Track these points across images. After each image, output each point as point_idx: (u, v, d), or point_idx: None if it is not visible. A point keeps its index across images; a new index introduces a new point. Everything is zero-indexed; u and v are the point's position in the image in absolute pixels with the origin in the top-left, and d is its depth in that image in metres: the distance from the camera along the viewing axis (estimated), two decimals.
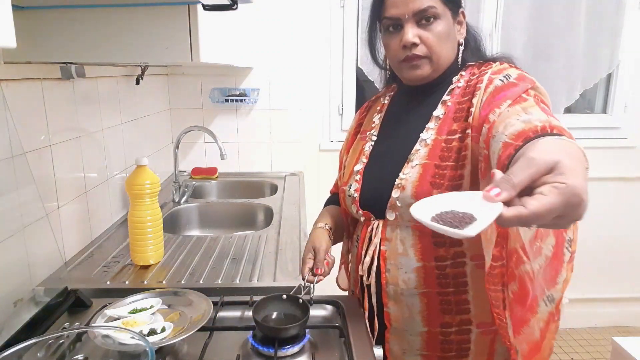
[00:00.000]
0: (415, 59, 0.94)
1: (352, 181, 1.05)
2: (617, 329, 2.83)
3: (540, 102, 0.82)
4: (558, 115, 2.49)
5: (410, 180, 0.92)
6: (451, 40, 0.96)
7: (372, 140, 1.07)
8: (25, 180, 1.09)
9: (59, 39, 1.05)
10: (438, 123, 0.94)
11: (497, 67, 0.93)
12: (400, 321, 0.99)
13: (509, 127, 0.73)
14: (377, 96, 1.18)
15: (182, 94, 2.39)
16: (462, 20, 0.98)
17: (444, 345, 0.97)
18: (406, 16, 0.92)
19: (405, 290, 0.96)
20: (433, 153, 0.91)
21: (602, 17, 2.46)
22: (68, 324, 0.97)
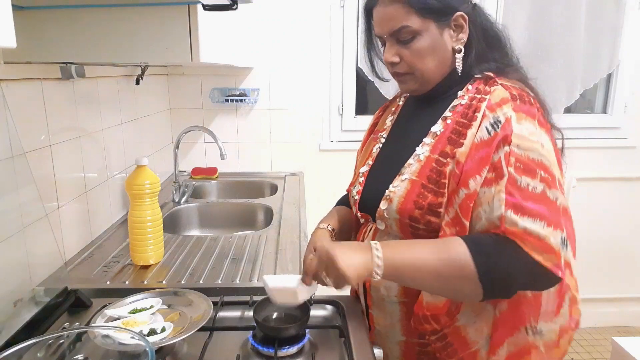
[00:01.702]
0: (399, 76, 0.95)
1: (357, 183, 1.04)
2: (617, 329, 2.83)
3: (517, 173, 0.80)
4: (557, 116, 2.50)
5: (397, 194, 0.91)
6: (438, 52, 0.91)
7: (380, 142, 1.06)
8: (25, 180, 1.09)
9: (59, 39, 1.05)
10: (434, 140, 0.91)
11: (498, 96, 0.86)
12: (382, 326, 0.99)
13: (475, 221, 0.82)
14: (395, 96, 1.16)
15: (182, 94, 2.39)
16: (462, 24, 0.90)
17: (420, 356, 0.96)
18: (385, 35, 0.92)
19: (387, 297, 0.96)
20: (423, 171, 0.89)
21: (602, 17, 2.46)
22: (68, 324, 0.97)
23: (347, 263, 0.79)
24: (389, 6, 0.89)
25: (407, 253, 0.82)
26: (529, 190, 0.79)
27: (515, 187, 0.79)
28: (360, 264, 0.80)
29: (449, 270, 0.79)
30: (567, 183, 2.56)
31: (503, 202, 0.78)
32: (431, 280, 0.81)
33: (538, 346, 0.84)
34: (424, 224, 0.87)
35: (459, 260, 0.78)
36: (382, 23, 0.91)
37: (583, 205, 2.65)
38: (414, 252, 0.82)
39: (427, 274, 0.81)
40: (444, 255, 0.80)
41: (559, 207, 0.80)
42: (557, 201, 0.80)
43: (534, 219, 0.77)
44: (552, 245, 0.76)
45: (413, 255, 0.81)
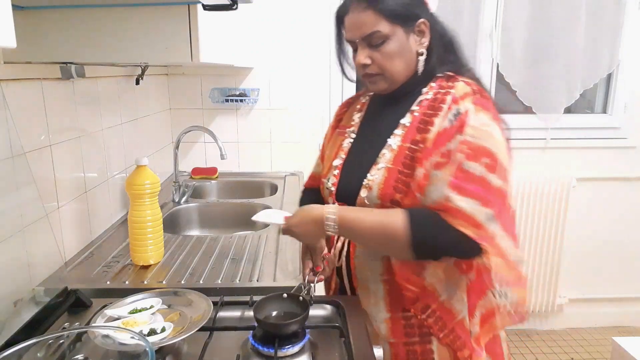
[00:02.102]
0: (370, 77, 1.03)
1: (331, 175, 1.12)
2: (617, 329, 2.83)
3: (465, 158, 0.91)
4: (557, 116, 2.51)
5: (376, 182, 1.00)
6: (405, 55, 1.01)
7: (351, 137, 1.13)
8: (25, 180, 1.09)
9: (59, 39, 1.05)
10: (404, 130, 1.01)
11: (460, 90, 0.98)
12: (368, 306, 1.06)
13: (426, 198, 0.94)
14: (358, 94, 1.24)
15: (182, 94, 2.39)
16: (424, 29, 1.01)
17: (407, 330, 1.03)
18: (357, 40, 1.01)
19: (371, 276, 1.05)
20: (397, 159, 0.99)
21: (602, 17, 2.46)
22: (68, 324, 0.97)
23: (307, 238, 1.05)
24: (361, 13, 0.98)
25: (356, 215, 0.98)
26: (472, 174, 0.90)
27: (460, 171, 0.91)
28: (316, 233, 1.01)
29: (386, 232, 0.94)
30: (567, 182, 2.57)
31: (447, 184, 0.91)
32: (372, 238, 0.97)
33: (502, 306, 1.00)
34: (405, 206, 0.97)
35: (396, 225, 0.93)
36: (354, 28, 1.00)
37: (583, 205, 2.66)
38: (361, 216, 0.97)
39: (368, 231, 0.96)
40: (385, 219, 0.95)
41: (496, 190, 0.91)
42: (496, 185, 0.91)
43: (469, 198, 0.89)
44: (478, 221, 0.89)
45: (360, 218, 0.97)
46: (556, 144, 2.61)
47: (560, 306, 2.76)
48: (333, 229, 0.97)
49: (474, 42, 2.47)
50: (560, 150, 2.62)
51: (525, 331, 2.80)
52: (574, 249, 2.70)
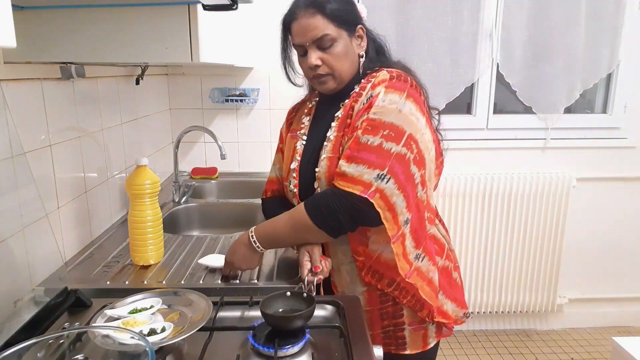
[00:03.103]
0: (320, 77, 1.12)
1: (291, 178, 1.20)
2: (617, 329, 2.83)
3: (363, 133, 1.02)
4: (557, 116, 2.51)
5: (322, 172, 1.10)
6: (350, 56, 1.11)
7: (302, 139, 1.22)
8: (25, 180, 1.09)
9: (59, 39, 1.05)
10: (337, 122, 1.12)
11: (380, 77, 1.08)
12: (344, 286, 1.18)
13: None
14: (303, 100, 1.34)
15: (182, 94, 2.39)
16: (362, 34, 1.13)
17: (382, 298, 1.15)
18: (307, 43, 1.09)
19: (344, 260, 1.15)
20: (335, 148, 1.09)
21: (602, 17, 2.46)
22: (68, 324, 0.97)
23: (243, 263, 1.15)
24: (310, 18, 1.07)
25: (270, 225, 1.12)
26: (366, 144, 1.01)
27: (357, 143, 1.02)
28: (247, 254, 1.13)
29: (295, 224, 1.08)
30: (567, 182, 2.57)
31: (343, 156, 1.03)
32: (289, 237, 1.11)
33: None
34: None
35: (299, 214, 1.06)
36: (304, 33, 1.08)
37: (583, 205, 2.66)
38: (274, 223, 1.12)
39: (282, 232, 1.10)
40: (291, 214, 1.09)
41: (395, 155, 1.00)
42: (395, 151, 1.00)
43: (357, 164, 1.00)
44: (365, 180, 0.99)
45: (273, 225, 1.11)
46: (556, 144, 2.61)
47: (560, 306, 2.76)
48: (259, 246, 1.10)
49: (474, 42, 2.47)
50: (560, 150, 2.62)
51: (525, 331, 2.80)
52: (574, 249, 2.70)
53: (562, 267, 2.67)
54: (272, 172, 1.37)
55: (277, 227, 1.10)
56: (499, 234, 2.61)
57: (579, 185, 2.60)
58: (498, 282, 2.67)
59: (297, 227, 1.07)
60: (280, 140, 1.35)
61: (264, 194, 1.39)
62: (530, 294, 2.69)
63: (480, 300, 2.69)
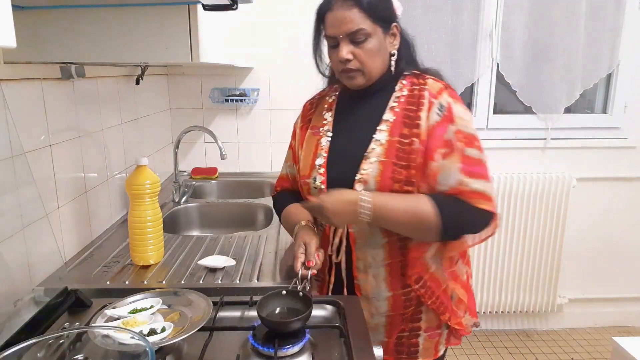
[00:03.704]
0: (350, 72, 1.10)
1: (316, 174, 1.15)
2: (617, 329, 2.83)
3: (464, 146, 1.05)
4: (557, 116, 2.51)
5: (371, 175, 1.06)
6: (382, 54, 1.10)
7: (327, 136, 1.18)
8: (25, 180, 1.09)
9: (59, 39, 1.05)
10: (389, 126, 1.09)
11: (434, 87, 1.09)
12: (369, 290, 1.14)
13: (441, 185, 1.06)
14: (321, 95, 1.30)
15: (182, 94, 2.39)
16: (396, 32, 1.12)
17: (405, 303, 1.13)
18: (340, 36, 1.06)
19: (373, 263, 1.12)
20: (389, 152, 1.06)
21: (602, 17, 2.46)
22: (68, 324, 0.97)
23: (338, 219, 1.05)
24: (347, 11, 1.04)
25: (390, 201, 1.04)
26: (473, 158, 1.05)
27: (465, 157, 1.04)
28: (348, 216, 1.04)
29: (418, 217, 1.03)
30: (567, 182, 2.57)
31: (459, 170, 1.03)
32: (402, 224, 1.06)
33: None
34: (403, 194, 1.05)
35: (426, 211, 1.02)
36: (339, 25, 1.06)
37: (583, 205, 2.66)
38: (394, 202, 1.04)
39: (401, 217, 1.04)
40: (416, 206, 1.04)
41: (487, 164, 1.07)
42: (485, 161, 1.07)
43: (478, 179, 1.04)
44: (489, 195, 1.05)
45: (394, 204, 1.04)
46: (556, 144, 2.61)
47: (560, 306, 2.76)
48: (366, 214, 1.02)
49: (474, 42, 2.47)
50: (560, 150, 2.62)
51: (525, 331, 2.80)
52: (574, 249, 2.70)
53: (562, 267, 2.67)
54: (283, 169, 1.35)
55: (397, 207, 1.03)
56: (499, 233, 2.61)
57: (579, 185, 2.60)
58: (498, 282, 2.67)
59: (418, 221, 1.03)
60: (293, 137, 1.32)
61: (274, 190, 1.38)
62: (530, 294, 2.69)
63: (480, 300, 2.69)
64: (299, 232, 1.13)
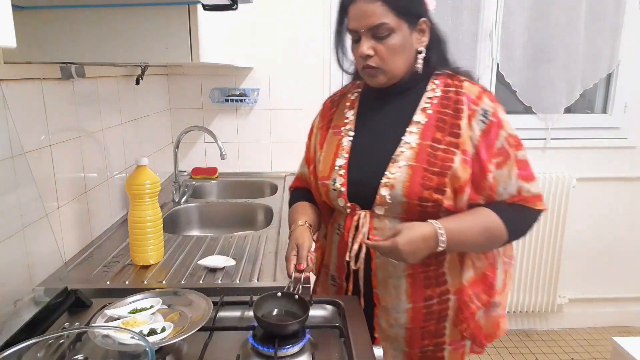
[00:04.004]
0: (370, 69, 1.04)
1: (336, 175, 1.09)
2: (617, 329, 2.83)
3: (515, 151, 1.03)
4: (557, 116, 2.51)
5: (399, 180, 1.00)
6: (407, 51, 1.03)
7: (349, 135, 1.12)
8: (25, 180, 1.09)
9: (59, 39, 1.05)
10: (420, 128, 1.03)
11: (472, 91, 1.04)
12: (388, 301, 1.08)
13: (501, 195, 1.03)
14: (342, 92, 1.23)
15: (182, 94, 2.39)
16: (425, 28, 1.04)
17: (426, 317, 1.08)
18: (362, 30, 1.01)
19: (393, 273, 1.06)
20: (420, 156, 1.01)
21: (602, 17, 2.46)
22: (68, 324, 0.97)
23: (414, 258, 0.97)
24: (370, 4, 0.98)
25: (461, 228, 1.00)
26: (524, 160, 1.03)
27: (519, 161, 1.03)
28: (424, 252, 0.98)
29: (491, 235, 1.02)
30: (567, 182, 2.57)
31: (517, 176, 1.02)
32: (477, 245, 1.04)
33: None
34: (432, 202, 0.99)
35: (497, 226, 1.01)
36: (361, 18, 1.00)
37: (583, 205, 2.65)
38: (464, 227, 1.01)
39: (476, 238, 1.02)
40: (487, 223, 1.01)
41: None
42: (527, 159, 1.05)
43: (533, 181, 1.04)
44: (541, 194, 1.06)
45: (465, 229, 1.01)
46: (556, 144, 2.61)
47: (560, 306, 2.76)
48: (443, 245, 0.97)
49: (474, 42, 2.47)
50: (560, 150, 2.62)
51: (525, 331, 2.80)
52: (574, 249, 2.70)
53: (562, 267, 2.67)
54: (300, 168, 1.31)
55: (469, 232, 1.00)
56: None
57: (579, 185, 2.60)
58: None
59: (489, 238, 1.03)
60: (309, 137, 1.26)
61: (290, 187, 1.34)
62: (530, 294, 2.69)
63: None
64: (293, 232, 1.10)
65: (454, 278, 1.07)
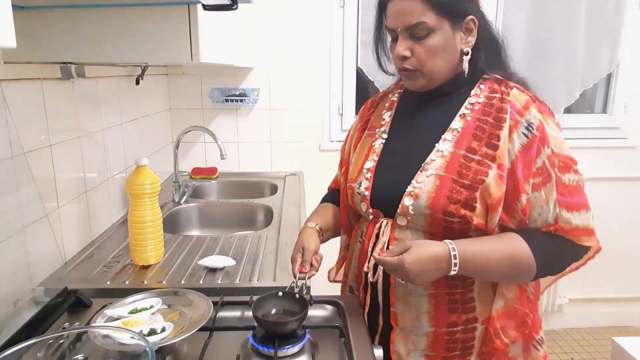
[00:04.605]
0: (408, 71, 0.96)
1: (362, 179, 1.03)
2: (617, 329, 2.83)
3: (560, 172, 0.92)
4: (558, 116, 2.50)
5: (425, 190, 0.92)
6: (449, 52, 0.94)
7: (382, 137, 1.05)
8: (25, 180, 1.09)
9: (59, 39, 1.05)
10: (456, 136, 0.94)
11: (519, 99, 0.93)
12: (407, 321, 0.98)
13: (535, 221, 0.92)
14: (384, 92, 1.16)
15: (182, 94, 2.39)
16: (472, 27, 0.94)
17: (449, 345, 0.97)
18: (399, 29, 0.93)
19: (414, 290, 0.96)
20: (451, 166, 0.92)
21: (602, 17, 2.46)
22: (68, 324, 0.97)
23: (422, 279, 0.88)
24: (407, 1, 0.90)
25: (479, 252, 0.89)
26: (571, 185, 0.92)
27: (562, 186, 0.91)
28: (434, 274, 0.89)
29: (514, 265, 0.90)
30: None
31: (556, 203, 0.90)
32: (499, 274, 0.93)
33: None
34: (459, 217, 0.90)
35: (523, 257, 0.90)
36: (398, 17, 0.92)
37: None
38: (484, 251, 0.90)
39: (495, 269, 0.91)
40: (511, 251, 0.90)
41: (584, 189, 0.95)
42: (583, 184, 0.95)
43: (580, 211, 0.92)
44: (592, 228, 0.94)
45: (485, 254, 0.90)
46: None
47: (560, 306, 2.76)
48: (457, 268, 0.88)
49: None
50: None
51: None
52: None
53: None
54: (337, 170, 1.25)
55: (490, 259, 0.89)
56: None
57: None
58: None
59: (514, 268, 0.91)
60: (346, 139, 1.19)
61: (328, 188, 1.30)
62: None
63: None
64: (302, 233, 1.08)
65: (483, 305, 0.96)
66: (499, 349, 0.95)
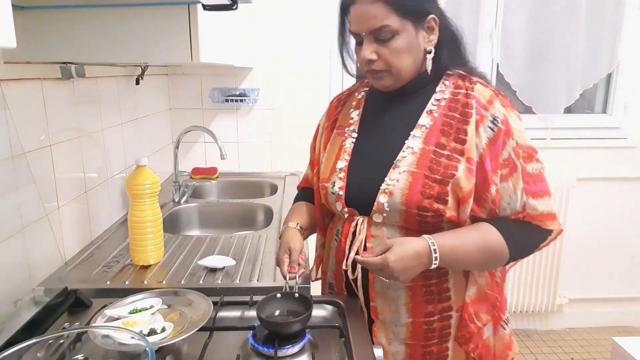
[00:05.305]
0: (375, 72, 0.98)
1: (336, 178, 1.04)
2: (617, 329, 2.83)
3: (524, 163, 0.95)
4: (558, 115, 2.51)
5: (398, 187, 0.95)
6: (413, 52, 0.96)
7: (352, 137, 1.07)
8: (25, 180, 1.09)
9: (59, 39, 1.05)
10: (425, 132, 0.97)
11: (483, 94, 0.96)
12: (386, 314, 1.03)
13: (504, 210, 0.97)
14: (350, 90, 1.18)
15: (182, 94, 2.39)
16: (433, 26, 0.96)
17: (427, 334, 1.02)
18: (363, 33, 0.95)
19: (392, 284, 1.00)
20: (422, 162, 0.95)
21: (602, 17, 2.46)
22: (68, 324, 0.97)
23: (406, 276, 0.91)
24: (370, 5, 0.92)
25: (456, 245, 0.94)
26: (535, 174, 0.96)
27: (527, 175, 0.95)
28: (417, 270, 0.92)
29: (490, 253, 0.95)
30: (567, 182, 2.57)
31: (523, 191, 0.94)
32: (475, 264, 0.98)
33: None
34: (433, 211, 0.93)
35: (495, 248, 0.95)
36: (361, 21, 0.94)
37: (583, 205, 2.65)
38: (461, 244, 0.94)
39: (472, 259, 0.95)
40: (485, 240, 0.95)
41: (545, 176, 0.98)
42: (544, 171, 0.98)
43: (543, 198, 0.96)
44: (554, 212, 0.98)
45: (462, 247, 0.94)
46: (556, 144, 2.61)
47: (560, 306, 2.76)
48: (437, 262, 0.91)
49: (474, 42, 2.47)
50: (560, 150, 2.62)
51: (525, 331, 2.80)
52: (574, 249, 2.70)
53: (562, 267, 2.67)
54: (306, 169, 1.30)
55: (466, 250, 0.94)
56: None
57: (579, 185, 2.60)
58: None
59: (489, 256, 0.95)
60: (314, 138, 1.21)
61: (297, 187, 1.34)
62: (530, 294, 2.69)
63: None
64: (284, 234, 1.08)
65: (457, 294, 1.01)
66: (474, 333, 1.01)
